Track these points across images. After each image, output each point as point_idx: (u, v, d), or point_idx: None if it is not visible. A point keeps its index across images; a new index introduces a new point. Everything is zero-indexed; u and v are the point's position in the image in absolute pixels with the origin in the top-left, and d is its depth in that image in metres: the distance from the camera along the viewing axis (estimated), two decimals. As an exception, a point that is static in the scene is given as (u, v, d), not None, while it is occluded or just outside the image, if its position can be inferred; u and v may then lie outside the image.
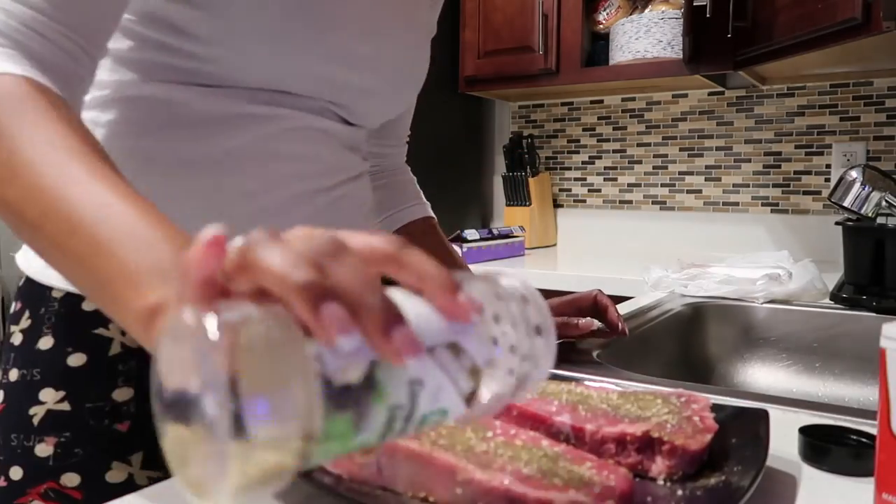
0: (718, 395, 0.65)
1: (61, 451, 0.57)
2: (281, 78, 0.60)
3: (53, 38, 0.47)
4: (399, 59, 0.69)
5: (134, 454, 0.59)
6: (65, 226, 0.39)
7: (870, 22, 1.21)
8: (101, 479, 0.57)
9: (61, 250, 0.40)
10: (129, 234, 0.38)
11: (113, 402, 0.58)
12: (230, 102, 0.59)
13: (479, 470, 0.37)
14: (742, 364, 1.14)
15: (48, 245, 0.41)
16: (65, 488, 0.57)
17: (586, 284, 1.53)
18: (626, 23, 1.84)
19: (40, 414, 0.58)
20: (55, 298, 0.60)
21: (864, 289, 1.15)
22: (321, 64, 0.61)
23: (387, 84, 0.69)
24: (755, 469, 0.42)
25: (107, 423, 0.58)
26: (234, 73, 0.58)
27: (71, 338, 0.59)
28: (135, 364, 0.59)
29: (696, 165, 2.06)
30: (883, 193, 1.12)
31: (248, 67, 0.58)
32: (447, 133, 2.18)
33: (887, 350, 0.38)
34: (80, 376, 0.58)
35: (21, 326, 0.62)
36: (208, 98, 0.59)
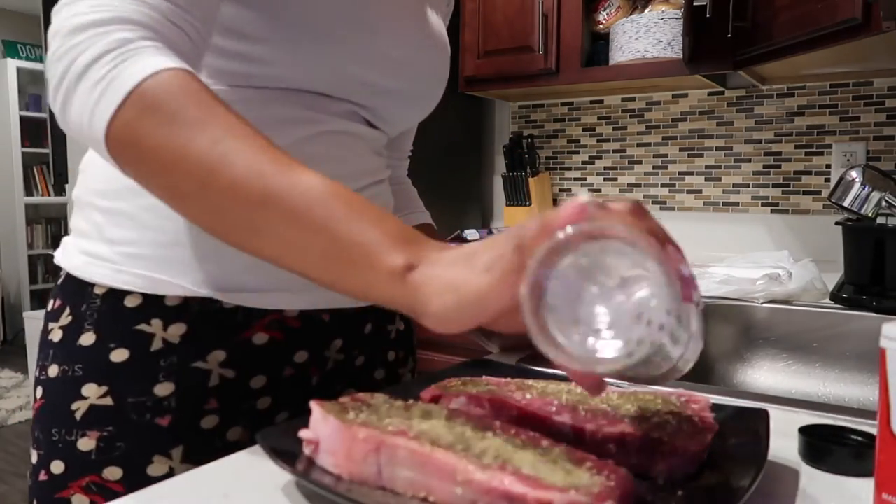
0: (718, 395, 0.65)
1: (104, 445, 0.59)
2: (324, 80, 0.62)
3: (189, 31, 0.51)
4: (425, 64, 0.72)
5: (174, 448, 0.60)
6: (298, 201, 0.44)
7: (870, 22, 1.21)
8: (143, 472, 0.59)
9: (295, 224, 0.44)
10: (361, 209, 0.44)
11: (155, 396, 0.59)
12: (275, 105, 0.61)
13: (479, 470, 0.37)
14: (742, 364, 1.14)
15: (277, 218, 0.44)
16: (107, 482, 0.59)
17: (586, 284, 1.53)
18: (626, 23, 1.84)
19: (83, 409, 0.59)
20: (97, 295, 0.61)
21: (864, 289, 1.15)
22: (361, 68, 0.64)
23: (415, 88, 0.71)
24: (755, 469, 0.42)
25: (148, 418, 0.59)
26: (282, 74, 0.60)
27: (114, 334, 0.60)
28: (176, 359, 0.60)
29: (696, 165, 2.06)
30: (883, 193, 1.12)
31: (295, 68, 0.60)
32: (447, 133, 2.18)
33: (887, 350, 0.38)
34: (122, 371, 0.59)
35: (61, 323, 0.62)
36: (255, 101, 0.60)
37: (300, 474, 0.42)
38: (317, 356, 0.68)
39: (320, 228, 0.44)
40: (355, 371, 0.73)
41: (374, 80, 0.66)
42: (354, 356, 0.72)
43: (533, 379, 0.55)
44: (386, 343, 0.77)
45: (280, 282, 0.62)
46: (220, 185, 0.45)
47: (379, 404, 0.48)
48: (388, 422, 0.44)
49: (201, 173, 0.45)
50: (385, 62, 0.66)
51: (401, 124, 0.76)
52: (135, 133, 0.46)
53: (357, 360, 0.73)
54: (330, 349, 0.69)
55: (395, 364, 0.79)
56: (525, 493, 0.35)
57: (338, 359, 0.70)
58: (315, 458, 0.44)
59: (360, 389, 0.73)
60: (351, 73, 0.63)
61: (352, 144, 0.67)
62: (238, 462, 0.49)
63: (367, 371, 0.74)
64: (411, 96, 0.72)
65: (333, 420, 0.44)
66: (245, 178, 0.45)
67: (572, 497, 0.35)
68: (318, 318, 0.67)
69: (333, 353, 0.69)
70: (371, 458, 0.41)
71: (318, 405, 0.46)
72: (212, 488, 0.45)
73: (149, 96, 0.46)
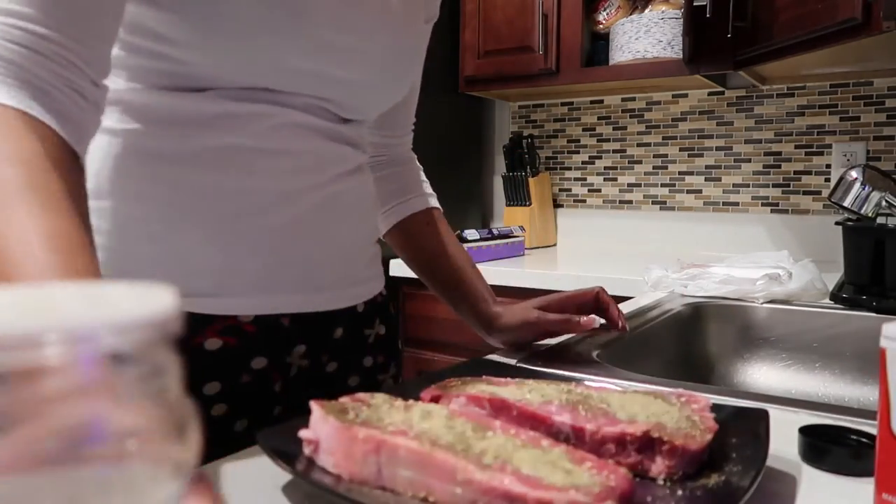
0: (718, 395, 0.65)
1: None
2: (261, 75, 0.60)
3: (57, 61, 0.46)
4: (382, 51, 0.68)
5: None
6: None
7: (870, 22, 1.21)
8: None
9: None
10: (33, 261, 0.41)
11: None
12: (214, 104, 0.59)
13: (479, 470, 0.37)
14: (742, 364, 1.14)
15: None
16: None
17: (586, 284, 1.53)
18: (626, 23, 1.84)
19: None
20: None
21: (864, 289, 1.15)
22: (300, 59, 0.60)
23: (372, 76, 0.67)
24: (755, 469, 0.42)
25: None
26: (215, 75, 0.59)
27: None
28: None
29: (696, 165, 2.06)
30: (883, 193, 1.12)
31: (226, 67, 0.58)
32: (447, 133, 2.18)
33: (887, 350, 0.38)
34: None
35: None
36: (193, 101, 0.59)
37: (300, 474, 0.42)
38: (277, 362, 0.65)
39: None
40: (326, 378, 0.70)
41: (322, 71, 0.63)
42: (324, 362, 0.70)
43: (533, 379, 0.55)
44: (362, 348, 0.75)
45: (231, 286, 0.61)
46: None
47: (379, 404, 0.48)
48: (389, 422, 0.44)
49: None
50: (330, 51, 0.62)
51: (372, 111, 0.72)
52: None
53: (328, 367, 0.70)
54: (292, 355, 0.67)
55: (374, 370, 0.76)
56: (525, 493, 0.35)
57: (302, 365, 0.68)
58: (315, 458, 0.44)
59: (333, 397, 0.70)
60: (294, 66, 0.60)
61: (309, 136, 0.65)
62: (238, 462, 0.49)
63: (339, 378, 0.72)
64: (372, 84, 0.68)
65: (333, 420, 0.44)
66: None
67: (572, 497, 0.35)
68: (276, 322, 0.65)
69: (297, 358, 0.67)
70: (371, 458, 0.41)
71: (318, 405, 0.46)
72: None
73: None
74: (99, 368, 0.19)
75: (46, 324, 0.18)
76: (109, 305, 0.21)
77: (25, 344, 0.18)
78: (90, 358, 0.19)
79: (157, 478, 0.21)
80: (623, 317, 0.79)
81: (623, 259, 1.88)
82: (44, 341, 0.18)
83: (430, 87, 2.07)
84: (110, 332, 0.19)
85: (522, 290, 1.63)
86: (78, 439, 0.19)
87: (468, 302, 0.83)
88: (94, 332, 0.19)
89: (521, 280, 1.64)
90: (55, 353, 0.18)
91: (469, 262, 0.86)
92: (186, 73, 0.58)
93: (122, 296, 0.21)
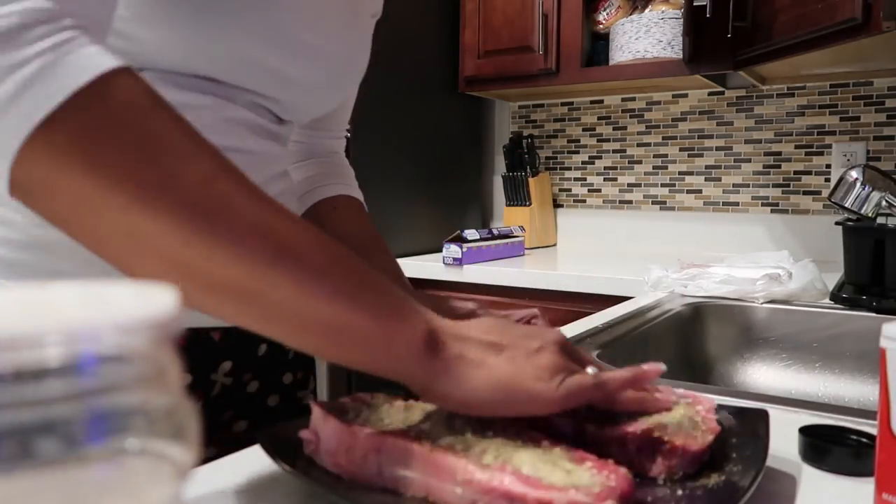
0: (718, 395, 0.65)
1: None
2: (214, 62, 0.55)
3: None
4: (343, 50, 0.65)
5: None
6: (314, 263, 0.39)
7: (870, 22, 1.21)
8: None
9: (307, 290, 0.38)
10: (369, 276, 0.41)
11: None
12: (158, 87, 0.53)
13: (479, 470, 0.37)
14: (742, 364, 1.14)
15: (287, 282, 0.38)
16: None
17: (586, 284, 1.53)
18: (626, 23, 1.84)
19: None
20: None
21: (864, 289, 1.15)
22: (264, 50, 0.56)
23: (329, 77, 0.64)
24: (755, 469, 0.42)
25: None
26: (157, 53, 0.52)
27: None
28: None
29: (696, 165, 2.06)
30: (883, 193, 1.12)
31: (178, 48, 0.52)
32: (447, 133, 2.18)
33: (887, 350, 0.38)
34: None
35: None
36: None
37: (300, 474, 0.42)
38: (202, 379, 0.61)
39: (335, 296, 0.39)
40: (245, 397, 0.66)
41: (276, 66, 0.58)
42: (246, 381, 0.66)
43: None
44: (283, 365, 0.71)
45: None
46: (215, 236, 0.36)
47: (379, 404, 0.48)
48: (389, 421, 0.44)
49: (191, 217, 0.36)
50: (290, 46, 0.58)
51: (312, 114, 0.69)
52: (86, 150, 0.35)
53: (249, 386, 0.67)
54: (217, 372, 0.63)
55: (293, 387, 0.72)
56: (525, 493, 0.35)
57: (225, 382, 0.64)
58: (315, 457, 0.44)
59: (252, 418, 0.67)
60: (249, 57, 0.55)
61: (252, 136, 0.61)
62: (238, 462, 0.49)
63: (259, 397, 0.68)
64: (326, 85, 0.65)
65: (333, 420, 0.44)
66: (252, 230, 0.37)
67: (572, 497, 0.35)
68: (206, 336, 0.61)
69: (221, 376, 0.63)
70: (371, 458, 0.41)
71: (318, 405, 0.46)
72: (211, 488, 0.45)
73: (111, 105, 0.36)
74: (99, 369, 0.19)
75: (47, 324, 0.18)
76: (110, 306, 0.21)
77: (26, 344, 0.18)
78: (90, 358, 0.19)
79: (157, 478, 0.21)
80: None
81: (623, 259, 1.88)
82: (44, 341, 0.18)
83: (429, 87, 2.08)
84: (111, 333, 0.19)
85: (522, 291, 1.63)
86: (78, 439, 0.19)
87: None
88: (95, 332, 0.19)
89: (521, 280, 1.64)
90: (55, 353, 0.18)
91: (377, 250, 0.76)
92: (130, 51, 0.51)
93: (123, 296, 0.21)
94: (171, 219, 0.36)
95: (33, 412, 0.18)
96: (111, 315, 0.19)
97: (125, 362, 0.20)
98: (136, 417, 0.20)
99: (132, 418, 0.20)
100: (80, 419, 0.19)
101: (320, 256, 0.40)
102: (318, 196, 0.77)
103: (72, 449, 0.19)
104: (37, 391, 0.18)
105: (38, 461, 0.18)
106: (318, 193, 0.77)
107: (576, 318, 1.05)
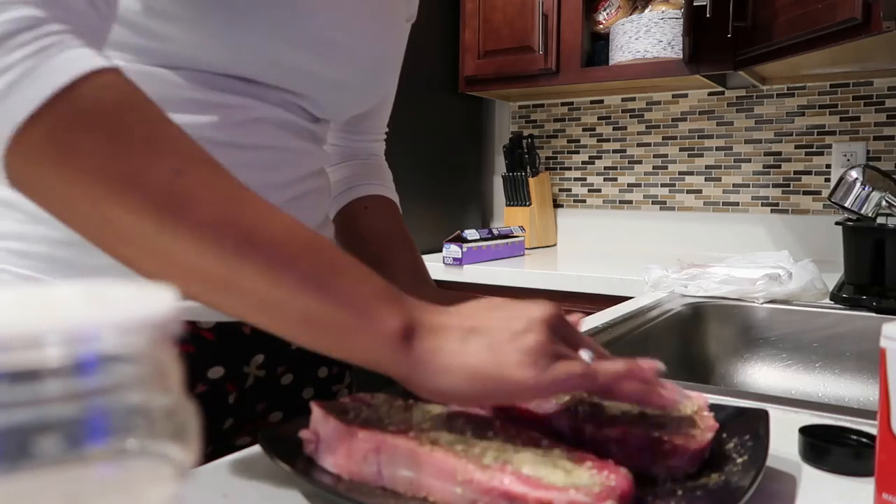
0: (718, 395, 0.65)
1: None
2: (244, 63, 0.56)
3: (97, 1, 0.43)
4: (374, 49, 0.65)
5: None
6: (279, 252, 0.39)
7: (870, 22, 1.21)
8: None
9: (275, 280, 0.39)
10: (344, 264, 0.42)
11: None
12: (185, 89, 0.54)
13: (479, 470, 0.37)
14: (742, 364, 1.14)
15: (253, 272, 0.39)
16: None
17: (586, 284, 1.53)
18: (626, 23, 1.84)
19: None
20: None
21: (864, 289, 1.15)
22: (288, 51, 0.57)
23: (360, 76, 0.65)
24: (755, 469, 0.42)
25: None
26: (195, 55, 0.54)
27: None
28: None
29: (696, 165, 2.06)
30: (883, 193, 1.12)
31: (210, 48, 0.53)
32: (447, 133, 2.18)
33: (887, 350, 0.38)
34: None
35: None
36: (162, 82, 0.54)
37: (300, 474, 0.42)
38: (234, 372, 0.62)
39: (305, 285, 0.39)
40: (280, 390, 0.67)
41: (308, 67, 0.59)
42: (279, 374, 0.67)
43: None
44: (316, 359, 0.71)
45: None
46: (182, 228, 0.38)
47: (379, 404, 0.48)
48: (389, 422, 0.44)
49: (158, 211, 0.38)
50: (321, 47, 0.59)
51: (347, 112, 0.70)
52: (62, 146, 0.37)
53: (283, 379, 0.67)
54: (250, 365, 0.63)
55: (328, 381, 0.73)
56: (525, 493, 0.35)
57: (258, 375, 0.65)
58: (315, 457, 0.44)
59: (286, 409, 0.68)
60: (280, 57, 0.57)
61: (286, 135, 0.62)
62: (238, 462, 0.49)
63: (294, 390, 0.69)
64: (358, 83, 0.66)
65: (333, 420, 0.44)
66: (217, 221, 0.39)
67: (572, 497, 0.35)
68: (236, 330, 0.62)
69: (254, 368, 0.64)
70: (371, 458, 0.41)
71: (319, 405, 0.46)
72: (211, 488, 0.45)
73: (86, 103, 0.37)
74: (99, 369, 0.19)
75: (47, 324, 0.18)
76: (110, 306, 0.21)
77: (26, 344, 0.18)
78: (90, 358, 0.19)
79: (157, 478, 0.21)
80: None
81: (623, 259, 1.88)
82: (44, 341, 0.18)
83: (430, 87, 2.08)
84: (111, 333, 0.19)
85: (523, 291, 1.63)
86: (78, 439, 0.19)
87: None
88: (95, 332, 0.19)
89: (521, 280, 1.64)
90: (55, 353, 0.18)
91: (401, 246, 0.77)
92: (164, 51, 0.53)
93: (123, 296, 0.21)
94: (141, 211, 0.38)
95: (34, 412, 0.18)
96: (111, 315, 0.19)
97: (125, 362, 0.20)
98: (136, 417, 0.20)
99: (132, 418, 0.20)
100: (80, 419, 0.19)
101: (291, 245, 0.40)
102: (352, 195, 0.79)
103: (72, 449, 0.19)
104: (37, 391, 0.18)
105: (38, 461, 0.18)
106: (353, 192, 0.79)
107: (576, 318, 1.05)
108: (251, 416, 0.65)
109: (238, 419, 0.64)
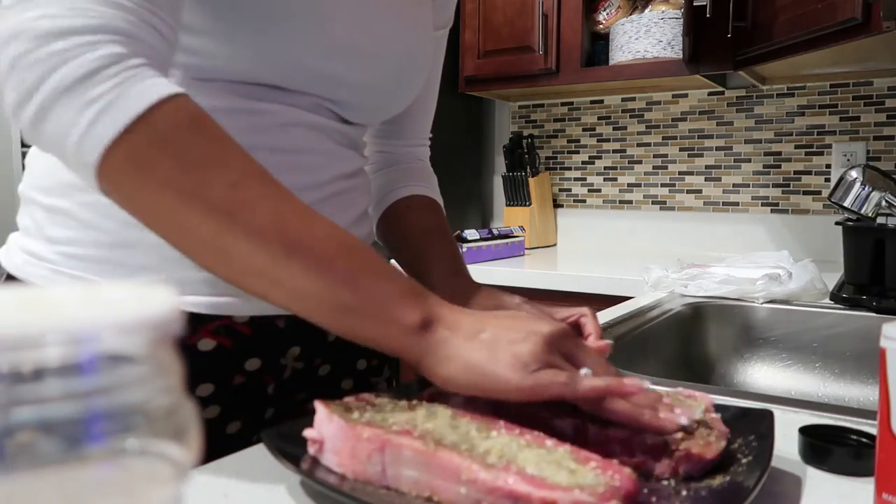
0: (719, 395, 0.65)
1: None
2: (273, 71, 0.59)
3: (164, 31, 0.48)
4: (398, 53, 0.67)
5: None
6: (320, 254, 0.47)
7: (870, 22, 1.21)
8: None
9: (316, 277, 0.46)
10: (376, 263, 0.48)
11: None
12: (218, 98, 0.58)
13: (484, 469, 0.38)
14: (742, 364, 1.15)
15: (299, 270, 0.46)
16: None
17: (586, 284, 1.54)
18: (626, 23, 1.84)
19: None
20: None
21: (864, 289, 1.15)
22: (314, 57, 0.60)
23: (385, 79, 0.67)
24: (759, 470, 0.42)
25: None
26: (226, 67, 0.57)
27: None
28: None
29: (696, 165, 2.06)
30: (883, 193, 1.13)
31: (240, 59, 0.57)
32: (447, 133, 2.18)
33: (887, 350, 0.38)
34: None
35: None
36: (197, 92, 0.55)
37: (304, 473, 0.42)
38: (271, 364, 0.65)
39: (341, 282, 0.46)
40: (318, 380, 0.70)
41: (333, 71, 0.62)
42: (317, 365, 0.69)
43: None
44: (355, 351, 0.73)
45: (227, 286, 0.58)
46: (238, 233, 0.45)
47: (383, 404, 0.48)
48: (393, 421, 0.44)
49: (218, 218, 0.45)
50: (344, 51, 0.61)
51: (379, 116, 0.72)
52: (141, 163, 0.44)
53: (321, 370, 0.70)
54: (286, 357, 0.66)
55: (367, 373, 0.75)
56: (529, 493, 0.36)
57: (296, 367, 0.67)
58: (319, 457, 0.45)
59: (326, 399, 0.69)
60: (306, 64, 0.59)
61: (317, 137, 0.64)
62: (238, 462, 0.50)
63: (332, 380, 0.71)
64: (385, 87, 0.67)
65: (338, 419, 0.44)
66: (267, 227, 0.45)
67: (576, 496, 0.35)
68: (271, 324, 0.64)
69: (291, 360, 0.66)
70: (375, 458, 0.42)
71: (323, 404, 0.46)
72: (211, 488, 0.45)
73: (160, 126, 0.44)
74: (99, 369, 0.19)
75: (47, 324, 0.18)
76: (110, 306, 0.21)
77: (26, 344, 0.18)
78: (90, 358, 0.19)
79: (157, 478, 0.21)
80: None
81: (623, 259, 1.89)
82: (44, 341, 0.18)
83: (430, 86, 2.07)
84: (111, 333, 0.19)
85: (523, 291, 1.63)
86: (78, 439, 0.19)
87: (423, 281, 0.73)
88: (95, 332, 0.19)
89: (521, 280, 1.64)
90: (55, 353, 0.18)
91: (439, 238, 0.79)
92: (196, 65, 0.57)
93: (123, 296, 0.21)
94: (204, 218, 0.45)
95: (33, 412, 0.18)
96: (111, 315, 0.20)
97: (125, 362, 0.20)
98: (136, 417, 0.20)
99: (132, 418, 0.20)
100: (79, 419, 0.19)
101: (328, 247, 0.47)
102: (396, 196, 0.82)
103: (72, 449, 0.19)
104: (37, 391, 0.18)
105: (38, 461, 0.18)
106: (396, 193, 0.82)
107: (576, 317, 1.05)
108: (292, 406, 0.67)
109: (279, 409, 0.66)
